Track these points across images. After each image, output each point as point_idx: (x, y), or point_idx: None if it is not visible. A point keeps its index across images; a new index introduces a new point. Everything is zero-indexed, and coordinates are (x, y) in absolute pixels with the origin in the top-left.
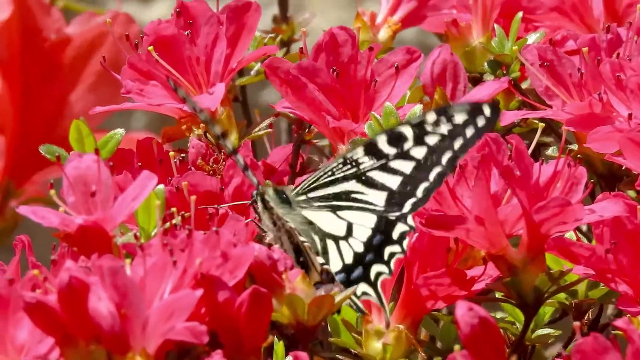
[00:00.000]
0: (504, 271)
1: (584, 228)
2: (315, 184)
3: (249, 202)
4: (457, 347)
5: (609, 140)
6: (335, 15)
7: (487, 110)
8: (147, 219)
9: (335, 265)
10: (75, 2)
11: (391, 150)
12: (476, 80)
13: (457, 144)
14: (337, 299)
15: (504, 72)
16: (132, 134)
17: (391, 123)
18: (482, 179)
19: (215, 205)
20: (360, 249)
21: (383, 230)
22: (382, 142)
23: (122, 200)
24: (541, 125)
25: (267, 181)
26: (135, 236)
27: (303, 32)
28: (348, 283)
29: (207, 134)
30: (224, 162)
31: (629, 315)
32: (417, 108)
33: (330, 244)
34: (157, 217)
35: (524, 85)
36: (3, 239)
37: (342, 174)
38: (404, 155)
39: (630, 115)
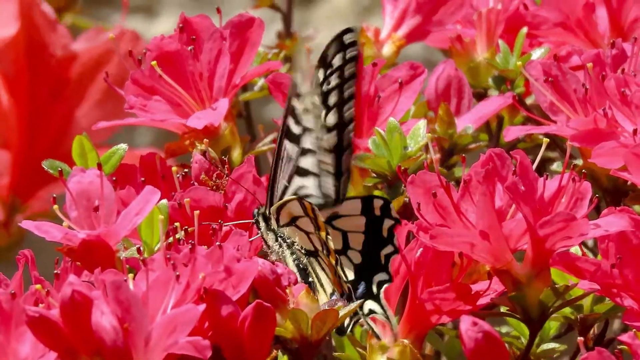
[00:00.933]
0: (508, 286)
1: (590, 243)
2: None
3: (252, 221)
4: None
5: (614, 155)
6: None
7: (346, 37)
8: (150, 233)
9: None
10: (82, 19)
11: (299, 129)
12: (480, 96)
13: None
14: (341, 313)
15: (509, 87)
16: (136, 150)
17: (395, 139)
18: (487, 194)
19: (220, 222)
20: (358, 260)
21: (374, 231)
22: (293, 125)
23: (125, 215)
24: (545, 140)
25: None
26: (139, 250)
27: (307, 49)
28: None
29: (209, 151)
30: (227, 178)
31: (634, 330)
32: (421, 123)
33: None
34: (160, 231)
35: (529, 101)
36: (9, 254)
37: (286, 174)
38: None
39: (635, 131)
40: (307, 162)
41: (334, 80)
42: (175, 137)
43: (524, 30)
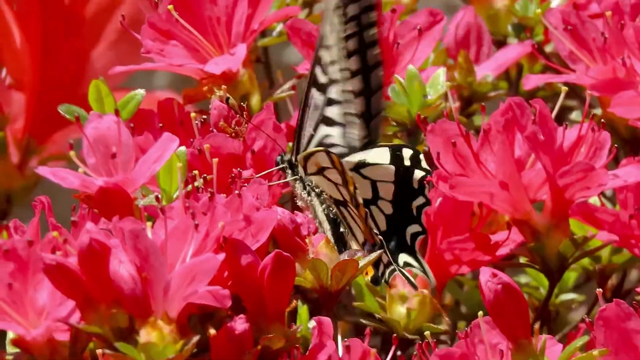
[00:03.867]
0: (527, 236)
1: (608, 193)
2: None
3: (276, 168)
4: (480, 312)
5: (632, 105)
6: None
7: None
8: (169, 181)
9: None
10: None
11: (325, 79)
12: (500, 44)
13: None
14: (361, 263)
15: (528, 35)
16: (154, 93)
17: (414, 87)
18: (506, 143)
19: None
20: (389, 210)
21: (404, 181)
22: (320, 75)
23: (144, 162)
24: (564, 89)
25: None
26: (157, 198)
27: None
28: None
29: (228, 97)
30: (246, 125)
31: None
32: (441, 71)
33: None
34: (178, 179)
35: (548, 49)
36: (23, 196)
37: (313, 122)
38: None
39: None
40: (333, 112)
41: (351, 29)
42: (193, 79)
43: None
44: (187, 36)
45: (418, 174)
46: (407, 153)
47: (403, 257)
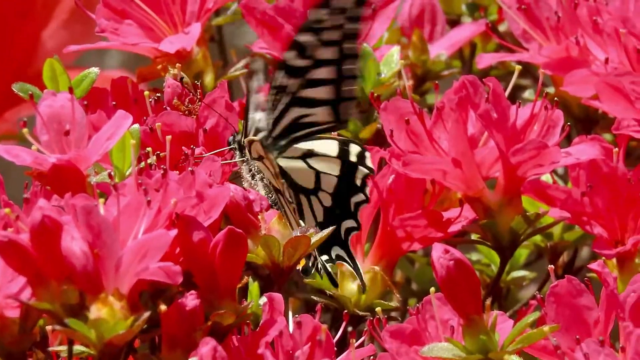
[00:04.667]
0: (480, 213)
1: (561, 171)
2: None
3: (226, 149)
4: (432, 289)
5: (585, 83)
6: None
7: None
8: (122, 158)
9: (309, 225)
10: None
11: (305, 62)
12: (454, 23)
13: (350, 25)
14: (313, 240)
15: (482, 14)
16: (107, 73)
17: (368, 65)
18: (459, 121)
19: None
20: (329, 202)
21: (347, 176)
22: (293, 58)
23: (97, 140)
24: (518, 67)
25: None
26: (110, 175)
27: None
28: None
29: (182, 75)
30: (199, 103)
31: (603, 258)
32: (395, 50)
33: (303, 200)
34: (131, 156)
35: (502, 28)
36: None
37: (282, 105)
38: (319, 63)
39: (606, 59)
40: (311, 92)
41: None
42: (146, 59)
43: None
44: (141, 15)
45: (362, 171)
46: (354, 149)
47: (336, 250)
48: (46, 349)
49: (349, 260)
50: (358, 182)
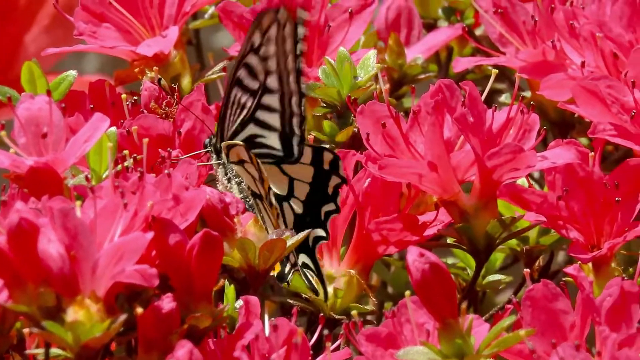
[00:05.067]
0: (455, 217)
1: (536, 175)
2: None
3: (203, 151)
4: (407, 292)
5: (562, 87)
6: None
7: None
8: (99, 161)
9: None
10: None
11: (255, 85)
12: (430, 27)
13: (289, 48)
14: (289, 243)
15: (458, 18)
16: (85, 77)
17: (345, 68)
18: (435, 124)
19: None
20: (300, 209)
21: (319, 184)
22: (246, 77)
23: (74, 142)
24: (494, 71)
25: None
26: (87, 178)
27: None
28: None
29: (159, 78)
30: (176, 106)
31: (579, 262)
32: (371, 53)
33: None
34: (108, 159)
35: (478, 32)
36: None
37: (240, 118)
38: (266, 90)
39: (583, 63)
40: (265, 116)
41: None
42: (124, 63)
43: None
44: (119, 18)
45: (334, 180)
46: (327, 157)
47: (302, 258)
48: (23, 352)
49: (314, 269)
50: (330, 191)
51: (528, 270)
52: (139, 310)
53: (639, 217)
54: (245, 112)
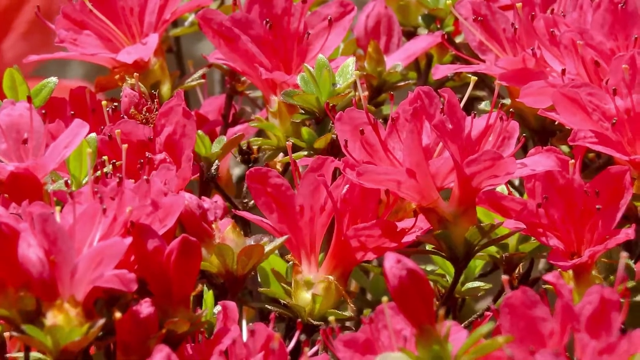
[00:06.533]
0: (434, 224)
1: (516, 182)
2: None
3: None
4: (385, 298)
5: (542, 95)
6: None
7: None
8: (79, 166)
9: None
10: None
11: None
12: (410, 34)
13: None
14: (267, 249)
15: (438, 26)
16: (66, 83)
17: (324, 76)
18: (414, 131)
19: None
20: None
21: None
22: None
23: (54, 148)
24: (474, 79)
25: None
26: (66, 184)
27: None
28: None
29: (139, 85)
30: (156, 112)
31: (559, 269)
32: (350, 60)
33: None
34: (88, 165)
35: (458, 40)
36: None
37: None
38: None
39: (563, 71)
40: None
41: None
42: (107, 71)
43: None
44: (100, 26)
45: None
46: None
47: None
48: (4, 355)
49: None
50: None
51: (507, 277)
52: (118, 314)
53: (620, 225)
54: None
